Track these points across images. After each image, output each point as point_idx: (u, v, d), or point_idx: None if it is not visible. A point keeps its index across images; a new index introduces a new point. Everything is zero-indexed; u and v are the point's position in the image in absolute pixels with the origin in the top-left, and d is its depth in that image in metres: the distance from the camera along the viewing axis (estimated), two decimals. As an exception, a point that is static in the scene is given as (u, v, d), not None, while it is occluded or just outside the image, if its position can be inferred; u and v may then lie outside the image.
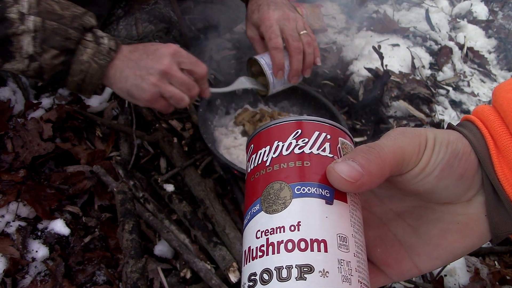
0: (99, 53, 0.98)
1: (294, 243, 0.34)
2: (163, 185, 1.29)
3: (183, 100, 1.05)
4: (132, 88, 1.01)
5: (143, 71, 1.00)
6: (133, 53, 1.03)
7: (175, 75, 1.01)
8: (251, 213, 0.39)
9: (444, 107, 1.85)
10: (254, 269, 0.35)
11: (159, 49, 1.01)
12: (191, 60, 1.04)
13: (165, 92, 1.02)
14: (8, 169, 1.24)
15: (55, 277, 1.07)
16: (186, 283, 1.11)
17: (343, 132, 0.42)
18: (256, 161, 0.41)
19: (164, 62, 0.99)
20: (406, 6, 2.56)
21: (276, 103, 1.58)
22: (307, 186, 0.37)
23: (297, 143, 0.39)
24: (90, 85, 1.01)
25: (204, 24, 1.72)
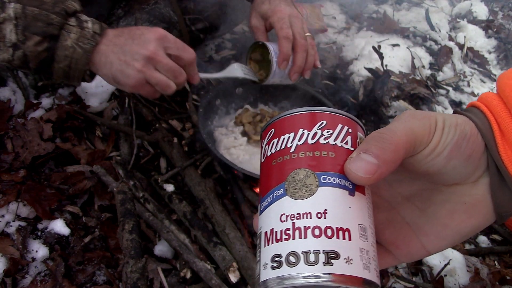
0: (83, 38, 0.95)
1: (321, 229, 0.36)
2: (163, 185, 1.29)
3: (169, 87, 1.02)
4: (117, 74, 0.99)
5: (128, 56, 0.97)
6: (118, 37, 1.00)
7: (160, 61, 0.98)
8: (273, 196, 0.40)
9: (444, 107, 1.85)
10: (278, 251, 0.36)
11: (144, 33, 0.98)
12: (178, 45, 1.01)
13: (151, 78, 0.99)
14: (8, 169, 1.24)
15: (55, 277, 1.07)
16: (186, 283, 1.11)
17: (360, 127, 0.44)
18: (278, 145, 0.42)
19: (149, 48, 0.96)
20: (406, 6, 2.56)
21: (276, 103, 1.58)
22: (332, 176, 0.39)
23: (322, 133, 0.41)
24: (76, 71, 0.98)
25: (204, 24, 1.72)
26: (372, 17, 2.46)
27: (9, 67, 1.48)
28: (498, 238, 1.43)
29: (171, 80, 1.02)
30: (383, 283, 1.21)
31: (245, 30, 2.24)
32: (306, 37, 1.25)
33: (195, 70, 1.08)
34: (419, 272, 1.25)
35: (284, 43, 1.20)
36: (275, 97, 1.58)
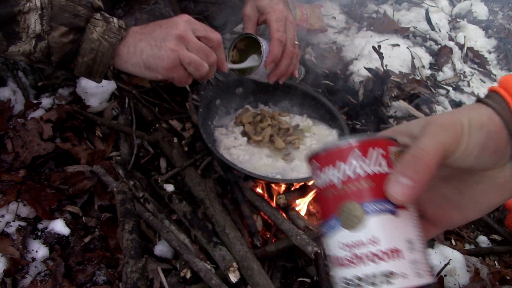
0: (109, 31, 0.95)
1: (376, 255, 0.43)
2: (163, 185, 1.29)
3: (203, 66, 1.00)
4: (149, 59, 0.98)
5: (158, 40, 0.97)
6: (145, 28, 1.01)
7: (191, 39, 0.98)
8: (329, 225, 0.46)
9: (444, 107, 1.85)
10: (346, 275, 0.44)
11: (171, 19, 1.00)
12: (205, 27, 1.03)
13: (184, 57, 0.98)
14: (8, 169, 1.24)
15: (55, 277, 1.07)
16: (186, 283, 1.11)
17: (390, 140, 0.48)
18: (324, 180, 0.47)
19: (179, 27, 0.97)
20: (406, 6, 2.56)
21: (276, 103, 1.58)
22: (375, 203, 0.44)
23: (358, 163, 0.45)
24: (101, 65, 0.97)
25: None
26: (372, 17, 2.46)
27: (17, 67, 1.48)
28: (498, 238, 1.43)
29: (204, 60, 1.01)
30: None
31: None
32: (295, 45, 1.27)
33: (223, 54, 1.08)
34: (419, 272, 1.25)
35: (277, 46, 1.21)
36: (275, 97, 1.58)
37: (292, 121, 1.50)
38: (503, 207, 1.48)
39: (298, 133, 1.45)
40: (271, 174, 1.27)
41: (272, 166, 1.31)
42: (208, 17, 1.70)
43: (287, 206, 1.23)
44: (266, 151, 1.36)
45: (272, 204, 1.24)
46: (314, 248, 1.08)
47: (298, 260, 1.25)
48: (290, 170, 1.29)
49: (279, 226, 1.18)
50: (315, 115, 1.55)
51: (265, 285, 1.03)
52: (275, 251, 1.18)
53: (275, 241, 1.23)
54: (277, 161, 1.33)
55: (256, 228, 1.20)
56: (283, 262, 1.23)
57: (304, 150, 1.38)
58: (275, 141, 1.37)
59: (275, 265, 1.22)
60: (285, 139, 1.39)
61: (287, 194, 1.24)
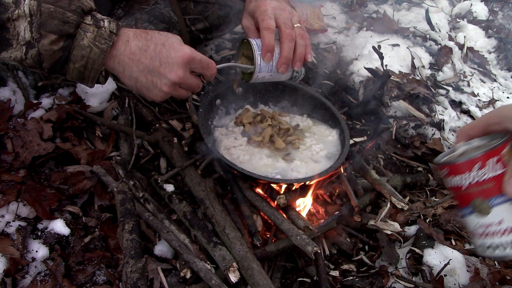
0: (100, 37, 0.94)
1: (501, 231, 0.71)
2: (163, 185, 1.29)
3: (187, 97, 1.10)
4: (143, 90, 1.02)
5: (155, 77, 0.99)
6: (145, 52, 0.97)
7: (186, 82, 1.02)
8: (465, 212, 0.75)
9: (444, 107, 1.85)
10: (483, 244, 0.73)
11: (171, 55, 0.98)
12: (203, 65, 1.04)
13: (175, 95, 1.04)
14: (8, 169, 1.23)
15: (55, 277, 1.07)
16: (186, 283, 1.11)
17: (502, 145, 0.70)
18: (455, 182, 0.74)
19: (178, 73, 0.98)
20: (406, 6, 2.56)
21: (276, 103, 1.58)
22: (496, 198, 0.71)
23: (480, 172, 0.70)
24: (92, 71, 0.97)
25: (204, 24, 1.72)
26: (372, 17, 2.46)
27: (17, 67, 1.48)
28: (498, 238, 1.43)
29: (190, 92, 1.08)
30: (383, 283, 1.21)
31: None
32: (294, 27, 1.20)
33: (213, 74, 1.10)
34: (419, 272, 1.25)
35: (265, 34, 1.17)
36: (275, 97, 1.58)
37: (292, 121, 1.50)
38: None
39: (298, 133, 1.45)
40: (271, 174, 1.27)
41: (272, 166, 1.31)
42: (208, 18, 1.70)
43: (287, 206, 1.23)
44: (266, 151, 1.36)
45: (272, 204, 1.24)
46: (314, 248, 1.08)
47: (298, 260, 1.25)
48: (290, 170, 1.29)
49: (279, 226, 1.18)
50: (315, 115, 1.55)
51: (265, 285, 1.03)
52: (275, 251, 1.18)
53: (275, 241, 1.23)
54: (277, 161, 1.33)
55: (256, 228, 1.20)
56: (283, 262, 1.23)
57: (304, 150, 1.38)
58: (275, 141, 1.37)
59: (275, 265, 1.22)
60: (285, 139, 1.39)
61: (287, 194, 1.24)
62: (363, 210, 1.38)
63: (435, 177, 1.61)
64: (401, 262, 1.28)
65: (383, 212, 1.31)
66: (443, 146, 1.68)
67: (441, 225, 1.40)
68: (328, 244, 1.32)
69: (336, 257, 1.30)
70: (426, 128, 1.73)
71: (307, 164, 1.33)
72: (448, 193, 1.54)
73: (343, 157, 1.31)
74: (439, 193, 1.56)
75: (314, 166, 1.32)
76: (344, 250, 1.31)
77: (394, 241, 1.34)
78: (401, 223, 1.38)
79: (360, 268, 1.28)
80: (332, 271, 1.23)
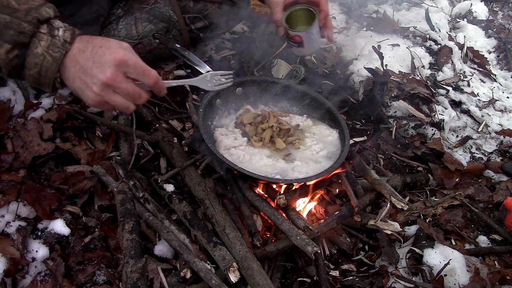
0: (53, 46, 0.96)
1: None
2: (163, 185, 1.29)
3: (128, 108, 1.02)
4: (78, 91, 1.01)
5: (88, 77, 0.98)
6: (82, 53, 0.98)
7: (119, 86, 0.98)
8: None
9: (444, 107, 1.85)
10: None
11: (105, 54, 0.97)
12: (138, 71, 0.99)
13: (109, 101, 0.99)
14: (8, 169, 1.23)
15: (55, 277, 1.07)
16: (186, 283, 1.11)
17: None
18: None
19: (107, 74, 0.95)
20: (406, 6, 2.56)
21: (276, 103, 1.58)
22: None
23: None
24: (47, 78, 0.99)
25: (203, 23, 1.72)
26: (372, 17, 2.46)
27: None
28: (498, 238, 1.43)
29: (130, 102, 1.02)
30: (383, 283, 1.21)
31: (245, 30, 2.24)
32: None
33: (159, 88, 1.06)
34: (419, 272, 1.25)
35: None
36: (275, 97, 1.58)
37: (292, 121, 1.50)
38: (503, 207, 1.48)
39: (298, 133, 1.45)
40: (271, 174, 1.27)
41: (272, 166, 1.31)
42: (207, 16, 1.70)
43: (287, 206, 1.23)
44: (266, 151, 1.36)
45: (272, 204, 1.24)
46: (314, 248, 1.08)
47: (298, 260, 1.25)
48: (291, 170, 1.29)
49: (279, 226, 1.18)
50: (315, 115, 1.54)
51: (265, 285, 1.03)
52: (275, 251, 1.18)
53: (275, 241, 1.23)
54: (278, 161, 1.33)
55: (256, 228, 1.20)
56: (283, 262, 1.23)
57: (305, 150, 1.38)
58: (276, 141, 1.37)
59: (275, 265, 1.22)
60: (286, 139, 1.39)
61: (287, 194, 1.24)
62: (363, 210, 1.38)
63: (435, 177, 1.61)
64: (401, 262, 1.28)
65: (383, 212, 1.31)
66: (443, 146, 1.68)
67: (441, 225, 1.40)
68: (328, 244, 1.32)
69: (336, 257, 1.30)
70: (426, 128, 1.73)
71: (308, 164, 1.33)
72: (448, 193, 1.54)
73: (343, 157, 1.31)
74: (439, 193, 1.56)
75: (314, 166, 1.32)
76: (344, 250, 1.31)
77: (394, 241, 1.35)
78: (401, 223, 1.38)
79: (360, 268, 1.28)
80: (332, 271, 1.23)
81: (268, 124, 1.40)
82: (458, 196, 1.53)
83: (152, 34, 1.62)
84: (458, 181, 1.60)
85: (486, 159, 1.69)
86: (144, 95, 1.02)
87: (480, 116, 1.90)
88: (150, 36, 1.62)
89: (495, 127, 1.86)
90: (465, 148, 1.73)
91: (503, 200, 1.46)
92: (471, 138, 1.76)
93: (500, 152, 1.75)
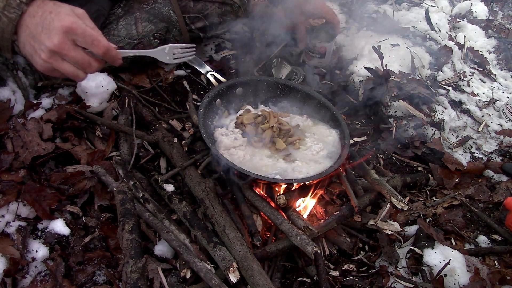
0: (9, 6, 0.95)
1: None
2: (163, 185, 1.29)
3: (78, 76, 1.00)
4: (28, 56, 1.00)
5: (36, 44, 0.96)
6: (32, 18, 0.97)
7: (67, 53, 0.96)
8: None
9: (444, 107, 1.85)
10: None
11: (54, 20, 0.95)
12: (87, 39, 0.96)
13: (58, 68, 0.98)
14: (8, 169, 1.23)
15: (55, 277, 1.07)
16: (186, 283, 1.11)
17: None
18: None
19: (54, 41, 0.94)
20: (406, 6, 2.56)
21: (276, 103, 1.58)
22: None
23: None
24: (4, 41, 0.98)
25: (203, 23, 1.72)
26: (372, 17, 2.45)
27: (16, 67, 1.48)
28: (498, 238, 1.43)
29: (80, 70, 1.00)
30: (383, 283, 1.21)
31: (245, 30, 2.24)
32: None
33: (112, 56, 1.02)
34: (419, 272, 1.25)
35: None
36: (275, 98, 1.58)
37: (292, 121, 1.49)
38: (503, 207, 1.48)
39: (299, 133, 1.45)
40: (271, 174, 1.27)
41: (272, 166, 1.31)
42: (207, 16, 1.70)
43: (287, 206, 1.23)
44: (267, 151, 1.36)
45: (272, 205, 1.24)
46: (314, 248, 1.08)
47: (298, 260, 1.25)
48: (291, 170, 1.29)
49: (278, 226, 1.18)
50: (315, 115, 1.54)
51: (265, 285, 1.03)
52: (275, 251, 1.18)
53: (275, 241, 1.23)
54: (278, 161, 1.33)
55: (256, 228, 1.20)
56: (283, 262, 1.23)
57: (305, 150, 1.38)
58: (276, 142, 1.37)
59: (275, 265, 1.22)
60: (286, 139, 1.39)
61: (287, 194, 1.24)
62: (363, 210, 1.38)
63: (435, 177, 1.61)
64: (401, 262, 1.28)
65: (383, 212, 1.31)
66: (443, 146, 1.68)
67: (441, 225, 1.40)
68: (328, 244, 1.32)
69: (336, 257, 1.30)
70: (426, 128, 1.73)
71: (308, 164, 1.33)
72: (448, 193, 1.54)
73: (343, 157, 1.31)
74: (439, 193, 1.56)
75: (315, 166, 1.32)
76: (344, 250, 1.31)
77: (394, 241, 1.35)
78: (401, 223, 1.38)
79: (360, 268, 1.28)
80: (332, 271, 1.23)
81: (268, 125, 1.40)
82: (458, 196, 1.53)
83: (152, 34, 1.62)
84: (458, 181, 1.60)
85: (486, 159, 1.69)
86: (95, 64, 1.01)
87: (480, 116, 1.90)
88: (150, 36, 1.62)
89: (495, 127, 1.86)
90: (465, 148, 1.73)
91: (503, 200, 1.46)
92: (471, 138, 1.76)
93: (500, 152, 1.75)
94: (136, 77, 1.76)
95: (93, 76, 1.55)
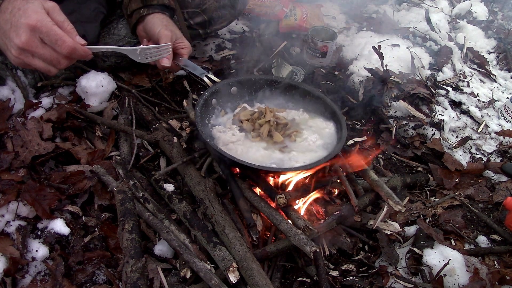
0: None
1: None
2: (163, 185, 1.29)
3: (50, 72, 1.01)
4: (3, 51, 1.01)
5: (7, 40, 0.98)
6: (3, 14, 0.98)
7: (34, 51, 0.97)
8: None
9: (444, 107, 1.85)
10: None
11: (21, 18, 0.95)
12: (51, 39, 0.96)
13: (29, 64, 0.99)
14: (8, 169, 1.23)
15: (55, 276, 1.07)
16: (186, 283, 1.11)
17: None
18: None
19: (21, 38, 0.95)
20: (406, 6, 2.56)
21: (271, 101, 1.58)
22: None
23: None
24: None
25: (202, 18, 1.72)
26: (372, 17, 2.46)
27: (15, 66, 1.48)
28: (498, 238, 1.43)
29: (51, 66, 1.00)
30: (382, 283, 1.21)
31: (245, 30, 2.24)
32: None
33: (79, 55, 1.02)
34: (418, 272, 1.25)
35: None
36: (271, 96, 1.57)
37: (288, 116, 1.50)
38: (502, 207, 1.48)
39: (295, 126, 1.46)
40: (267, 164, 1.28)
41: (268, 156, 1.32)
42: (205, 11, 1.70)
43: (287, 205, 1.23)
44: (264, 144, 1.37)
45: (272, 204, 1.24)
46: (313, 248, 1.08)
47: (298, 260, 1.25)
48: (288, 160, 1.30)
49: (277, 226, 1.18)
50: (311, 108, 1.54)
51: (264, 285, 1.03)
52: (275, 251, 1.18)
53: (275, 241, 1.23)
54: (274, 152, 1.34)
55: (254, 221, 1.20)
56: (283, 262, 1.23)
57: (301, 142, 1.39)
58: (273, 135, 1.37)
59: (275, 265, 1.22)
60: (284, 133, 1.40)
61: (287, 194, 1.24)
62: (363, 210, 1.38)
63: (435, 177, 1.61)
64: (401, 262, 1.28)
65: (381, 215, 1.31)
66: (443, 146, 1.68)
67: (440, 225, 1.40)
68: (328, 244, 1.32)
69: (336, 257, 1.30)
70: (426, 128, 1.73)
71: (304, 154, 1.33)
72: (448, 193, 1.55)
73: (340, 145, 1.31)
74: (439, 193, 1.56)
75: (311, 155, 1.33)
76: (344, 250, 1.31)
77: (394, 241, 1.35)
78: (400, 223, 1.38)
79: (360, 268, 1.28)
80: (332, 271, 1.23)
81: (265, 119, 1.40)
82: (458, 196, 1.53)
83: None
84: (458, 181, 1.60)
85: (486, 160, 1.70)
86: (64, 61, 1.01)
87: (480, 116, 1.90)
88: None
89: (495, 128, 1.86)
90: (465, 148, 1.73)
91: (502, 200, 1.46)
92: (471, 139, 1.76)
93: (499, 153, 1.75)
94: (136, 77, 1.76)
95: (93, 75, 1.55)
